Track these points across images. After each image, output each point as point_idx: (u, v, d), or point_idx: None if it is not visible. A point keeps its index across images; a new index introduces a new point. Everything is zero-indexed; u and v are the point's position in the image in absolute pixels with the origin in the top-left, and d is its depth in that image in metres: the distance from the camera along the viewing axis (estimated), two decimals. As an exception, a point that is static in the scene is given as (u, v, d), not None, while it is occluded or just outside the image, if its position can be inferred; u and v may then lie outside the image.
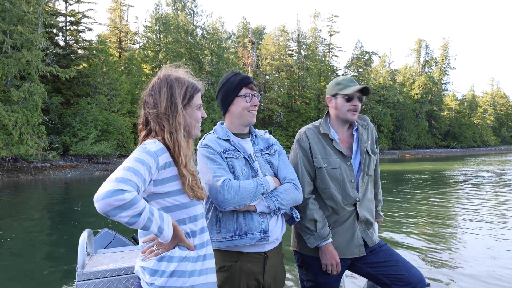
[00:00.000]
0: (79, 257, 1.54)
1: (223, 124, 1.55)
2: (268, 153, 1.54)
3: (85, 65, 25.20)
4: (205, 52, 34.51)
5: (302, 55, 42.60)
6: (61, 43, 25.79)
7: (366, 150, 1.70)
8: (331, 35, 46.74)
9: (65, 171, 19.34)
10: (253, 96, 1.49)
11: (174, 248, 1.11)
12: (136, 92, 25.86)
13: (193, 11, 36.61)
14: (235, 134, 1.52)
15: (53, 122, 20.62)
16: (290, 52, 43.25)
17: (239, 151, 1.46)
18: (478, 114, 58.56)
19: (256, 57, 41.90)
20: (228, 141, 1.48)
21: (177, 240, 1.10)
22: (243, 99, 1.48)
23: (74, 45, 26.17)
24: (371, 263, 1.63)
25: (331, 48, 46.95)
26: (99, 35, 26.52)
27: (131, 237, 2.25)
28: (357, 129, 1.74)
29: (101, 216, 6.32)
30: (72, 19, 26.31)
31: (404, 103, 46.74)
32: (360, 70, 47.07)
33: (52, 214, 8.43)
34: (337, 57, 50.38)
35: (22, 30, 17.47)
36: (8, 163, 17.86)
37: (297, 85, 41.11)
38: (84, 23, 26.60)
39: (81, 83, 24.10)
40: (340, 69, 48.06)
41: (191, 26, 35.40)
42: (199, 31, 36.34)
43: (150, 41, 32.75)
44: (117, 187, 0.91)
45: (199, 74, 32.48)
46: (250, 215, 1.39)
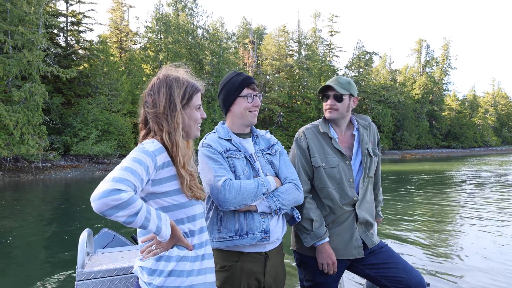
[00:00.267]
0: (79, 257, 1.55)
1: (224, 124, 1.54)
2: (269, 153, 1.54)
3: (86, 65, 25.24)
4: (205, 52, 34.53)
5: (302, 55, 42.58)
6: (62, 44, 25.83)
7: (368, 151, 1.69)
8: (331, 35, 46.73)
9: (65, 171, 19.37)
10: (255, 96, 1.49)
11: (172, 247, 1.11)
12: (137, 92, 25.90)
13: (193, 11, 36.64)
14: (236, 134, 1.51)
15: (54, 122, 20.66)
16: (290, 52, 43.23)
17: (240, 151, 1.46)
18: (479, 115, 58.44)
19: (256, 57, 41.90)
20: (229, 141, 1.47)
21: (175, 240, 1.10)
22: (244, 99, 1.48)
23: (75, 45, 26.22)
24: (370, 264, 1.62)
25: (332, 48, 46.93)
26: (99, 36, 26.56)
27: (131, 237, 2.25)
28: (358, 129, 1.73)
29: (100, 216, 6.30)
30: (73, 19, 26.36)
31: (404, 103, 46.68)
32: (361, 70, 47.03)
33: (52, 213, 8.45)
34: (337, 57, 50.43)
35: (23, 30, 17.50)
36: (9, 163, 17.90)
37: (298, 85, 41.10)
38: (85, 23, 26.67)
39: (82, 83, 24.14)
40: (341, 69, 48.04)
41: (192, 26, 35.42)
42: (199, 32, 36.37)
43: (150, 41, 32.79)
44: (113, 187, 0.91)
45: (200, 74, 32.49)
46: (251, 215, 1.39)
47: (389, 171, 18.73)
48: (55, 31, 25.31)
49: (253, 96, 1.49)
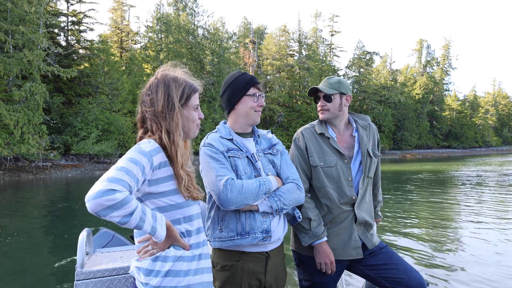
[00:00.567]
0: (78, 256, 1.55)
1: (226, 124, 1.54)
2: (270, 153, 1.53)
3: (86, 65, 25.26)
4: (206, 52, 34.52)
5: (303, 55, 42.54)
6: (63, 43, 25.84)
7: (368, 151, 1.68)
8: (332, 35, 46.67)
9: (66, 170, 19.39)
10: (260, 96, 1.50)
11: (169, 247, 1.10)
12: (137, 92, 25.65)
13: (194, 11, 36.63)
14: (238, 133, 1.51)
15: (55, 121, 20.68)
16: (291, 52, 43.20)
17: (242, 150, 1.46)
18: (480, 115, 58.35)
19: (257, 57, 41.88)
20: (231, 140, 1.47)
21: (171, 240, 1.10)
22: (251, 98, 1.48)
23: (76, 45, 26.22)
24: (370, 265, 1.62)
25: (332, 48, 46.88)
26: (100, 35, 26.56)
27: (130, 237, 2.26)
28: (357, 130, 1.73)
29: (101, 216, 6.31)
30: (73, 19, 26.36)
31: (405, 103, 46.62)
32: (361, 70, 46.97)
33: (52, 213, 8.46)
34: (338, 57, 50.24)
35: (24, 30, 17.52)
36: (10, 162, 17.92)
37: (298, 85, 41.08)
38: (85, 23, 26.67)
39: (83, 82, 24.15)
40: (341, 69, 47.99)
41: (192, 26, 35.42)
42: (200, 31, 36.36)
43: (151, 41, 32.78)
44: (108, 187, 0.91)
45: (200, 74, 32.46)
46: (253, 215, 1.39)
47: (389, 171, 18.71)
48: (56, 30, 25.33)
49: (258, 95, 1.49)
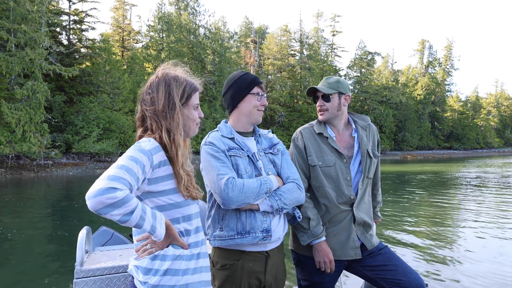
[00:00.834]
0: (77, 254, 1.56)
1: (227, 123, 1.54)
2: (271, 153, 1.54)
3: (88, 63, 25.30)
4: (207, 51, 34.53)
5: (304, 55, 42.50)
6: (65, 42, 25.89)
7: (367, 152, 1.68)
8: (333, 35, 46.62)
9: (67, 169, 19.44)
10: (263, 96, 1.51)
11: (167, 246, 1.10)
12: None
13: (195, 10, 36.65)
14: (239, 132, 1.51)
15: (56, 120, 20.73)
16: (292, 52, 43.18)
17: (243, 149, 1.46)
18: (482, 116, 58.19)
19: (258, 56, 41.87)
20: (232, 139, 1.47)
21: (170, 239, 1.10)
22: (254, 97, 1.49)
23: (77, 43, 26.26)
24: (369, 266, 1.62)
25: (334, 48, 46.82)
26: (102, 34, 26.61)
27: (129, 235, 2.26)
28: (356, 130, 1.72)
29: (102, 214, 6.32)
30: (75, 18, 26.41)
31: (406, 104, 46.53)
32: (363, 70, 46.89)
33: (53, 211, 8.49)
34: (339, 57, 50.35)
35: (26, 28, 17.57)
36: (11, 160, 17.98)
37: (299, 85, 41.05)
38: (87, 22, 26.71)
39: (84, 81, 24.20)
40: (343, 69, 47.94)
41: (194, 25, 35.44)
42: (201, 31, 36.38)
43: (152, 40, 32.82)
44: (108, 185, 0.91)
45: (201, 73, 32.45)
46: (253, 214, 1.39)
47: (390, 172, 18.69)
48: (58, 29, 25.39)
49: (261, 95, 1.51)
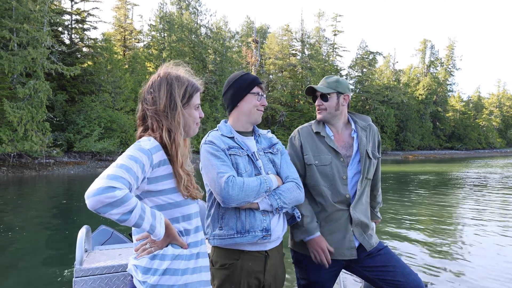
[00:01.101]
0: (77, 253, 1.56)
1: (227, 123, 1.55)
2: (271, 152, 1.54)
3: (89, 63, 25.36)
4: (208, 51, 34.54)
5: (305, 54, 42.46)
6: (66, 41, 25.97)
7: (367, 152, 1.67)
8: (335, 34, 46.54)
9: (68, 167, 19.50)
10: (263, 96, 1.53)
11: (167, 246, 1.10)
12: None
13: (197, 10, 36.66)
14: (239, 132, 1.52)
15: (58, 119, 20.81)
16: (293, 52, 43.14)
17: (243, 148, 1.46)
18: (484, 116, 57.97)
19: (259, 56, 41.86)
20: (232, 138, 1.48)
21: (170, 238, 1.10)
22: (255, 96, 1.50)
23: (79, 43, 26.33)
24: (368, 267, 1.62)
25: (335, 48, 46.75)
26: (104, 34, 26.69)
27: (129, 234, 2.26)
28: (356, 130, 1.72)
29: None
30: (77, 17, 26.47)
31: (408, 103, 46.41)
32: (364, 70, 46.80)
33: (54, 209, 8.51)
34: (341, 57, 50.29)
35: (28, 28, 17.62)
36: (13, 158, 18.06)
37: (301, 84, 41.02)
38: (89, 21, 26.76)
39: (86, 80, 24.26)
40: (344, 69, 47.86)
41: (195, 25, 35.45)
42: (203, 30, 36.38)
43: (154, 39, 32.86)
44: (108, 184, 0.91)
45: (203, 73, 32.47)
46: (253, 213, 1.39)
47: (391, 172, 18.66)
48: (60, 28, 25.46)
49: (261, 95, 1.52)
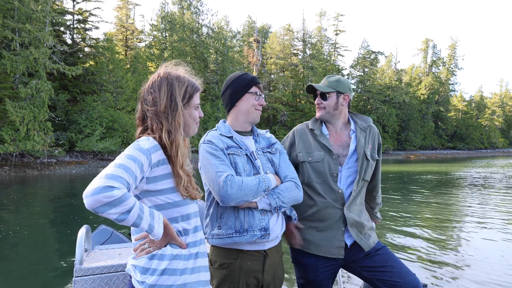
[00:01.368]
0: (77, 253, 1.57)
1: (225, 122, 1.55)
2: (269, 152, 1.54)
3: (91, 63, 25.45)
4: (210, 50, 34.57)
5: (307, 54, 42.43)
6: (68, 41, 26.06)
7: (364, 154, 1.67)
8: (336, 34, 46.47)
9: (70, 167, 19.57)
10: (261, 96, 1.53)
11: (165, 246, 1.10)
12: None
13: (198, 9, 36.70)
14: (237, 132, 1.52)
15: (60, 118, 20.90)
16: (295, 51, 43.11)
17: (241, 148, 1.47)
18: (486, 116, 57.73)
19: (261, 56, 41.86)
20: (230, 138, 1.48)
21: (168, 238, 1.09)
22: (252, 96, 1.50)
23: (81, 43, 26.42)
24: (366, 267, 1.62)
25: (337, 48, 46.69)
26: (105, 33, 26.77)
27: (128, 234, 2.26)
28: (355, 130, 1.72)
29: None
30: (79, 17, 26.55)
31: (410, 103, 46.29)
32: (366, 69, 46.71)
33: (55, 209, 8.54)
34: (342, 56, 50.10)
35: (30, 28, 17.70)
36: (15, 158, 18.16)
37: (302, 84, 40.97)
38: (91, 21, 26.86)
39: (87, 80, 24.35)
40: (346, 68, 47.81)
41: (197, 24, 35.49)
42: (204, 30, 36.43)
43: (155, 39, 32.93)
44: (106, 184, 0.90)
45: (204, 72, 32.51)
46: (251, 212, 1.39)
47: (393, 172, 18.62)
48: (62, 28, 25.56)
49: (259, 94, 1.52)
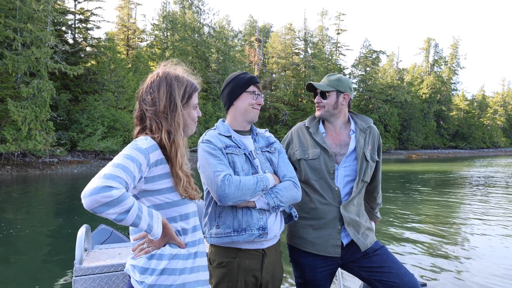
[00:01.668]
0: (76, 252, 1.57)
1: (224, 122, 1.55)
2: (268, 151, 1.54)
3: (93, 62, 25.49)
4: (211, 50, 34.57)
5: (308, 53, 42.36)
6: (70, 41, 26.09)
7: (364, 155, 1.66)
8: (338, 33, 46.36)
9: (72, 166, 19.63)
10: (259, 95, 1.53)
11: (164, 246, 1.10)
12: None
13: (200, 9, 36.70)
14: (236, 131, 1.52)
15: (61, 118, 20.95)
16: (296, 51, 43.04)
17: (240, 147, 1.47)
18: (488, 115, 57.51)
19: (262, 55, 41.82)
20: (229, 137, 1.48)
21: (167, 238, 1.09)
22: (250, 95, 1.50)
23: (83, 42, 26.45)
24: (365, 267, 1.62)
25: (338, 47, 46.58)
26: (107, 33, 26.78)
27: (128, 233, 2.27)
28: (355, 131, 1.71)
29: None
30: (80, 17, 26.59)
31: (412, 102, 46.15)
32: (368, 69, 46.59)
33: (57, 208, 8.57)
34: (344, 55, 49.84)
35: (32, 28, 17.73)
36: (17, 157, 18.22)
37: (303, 83, 40.89)
38: (92, 21, 26.88)
39: (89, 80, 24.39)
40: (347, 68, 47.70)
41: (198, 24, 35.49)
42: (205, 29, 36.43)
43: (157, 39, 32.95)
44: (104, 184, 0.90)
45: (205, 72, 32.51)
46: (249, 212, 1.39)
47: (394, 171, 18.57)
48: (63, 28, 25.60)
49: (257, 94, 1.52)
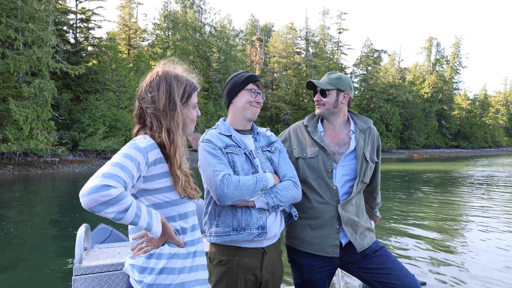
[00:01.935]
0: (76, 252, 1.57)
1: (225, 121, 1.56)
2: (269, 150, 1.54)
3: (94, 62, 25.54)
4: (213, 49, 34.58)
5: (310, 53, 42.32)
6: (71, 40, 26.16)
7: (364, 155, 1.66)
8: (339, 32, 46.28)
9: (73, 166, 19.69)
10: (258, 93, 1.52)
11: (163, 245, 1.09)
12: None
13: (201, 8, 36.73)
14: (237, 130, 1.52)
15: (63, 117, 21.01)
16: (298, 50, 43.01)
17: (240, 147, 1.47)
18: (490, 114, 57.31)
19: (264, 54, 41.80)
20: (229, 136, 1.48)
21: (166, 237, 1.09)
22: (248, 92, 1.50)
23: (84, 42, 26.51)
24: (364, 268, 1.61)
25: (340, 46, 46.51)
26: (108, 33, 26.83)
27: (128, 233, 2.26)
28: (355, 131, 1.70)
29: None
30: (82, 16, 26.64)
31: (413, 102, 46.05)
32: (369, 68, 46.49)
33: (58, 207, 8.59)
34: (345, 55, 49.99)
35: (33, 27, 17.78)
36: (19, 157, 18.29)
37: (305, 83, 40.84)
38: (94, 20, 26.92)
39: (90, 79, 24.45)
40: (349, 67, 47.62)
41: (199, 23, 35.53)
42: (207, 29, 36.47)
43: (158, 38, 33.00)
44: (103, 183, 0.90)
45: (207, 71, 32.53)
46: (249, 211, 1.40)
47: (396, 170, 18.54)
48: (65, 28, 25.67)
49: (256, 92, 1.51)
